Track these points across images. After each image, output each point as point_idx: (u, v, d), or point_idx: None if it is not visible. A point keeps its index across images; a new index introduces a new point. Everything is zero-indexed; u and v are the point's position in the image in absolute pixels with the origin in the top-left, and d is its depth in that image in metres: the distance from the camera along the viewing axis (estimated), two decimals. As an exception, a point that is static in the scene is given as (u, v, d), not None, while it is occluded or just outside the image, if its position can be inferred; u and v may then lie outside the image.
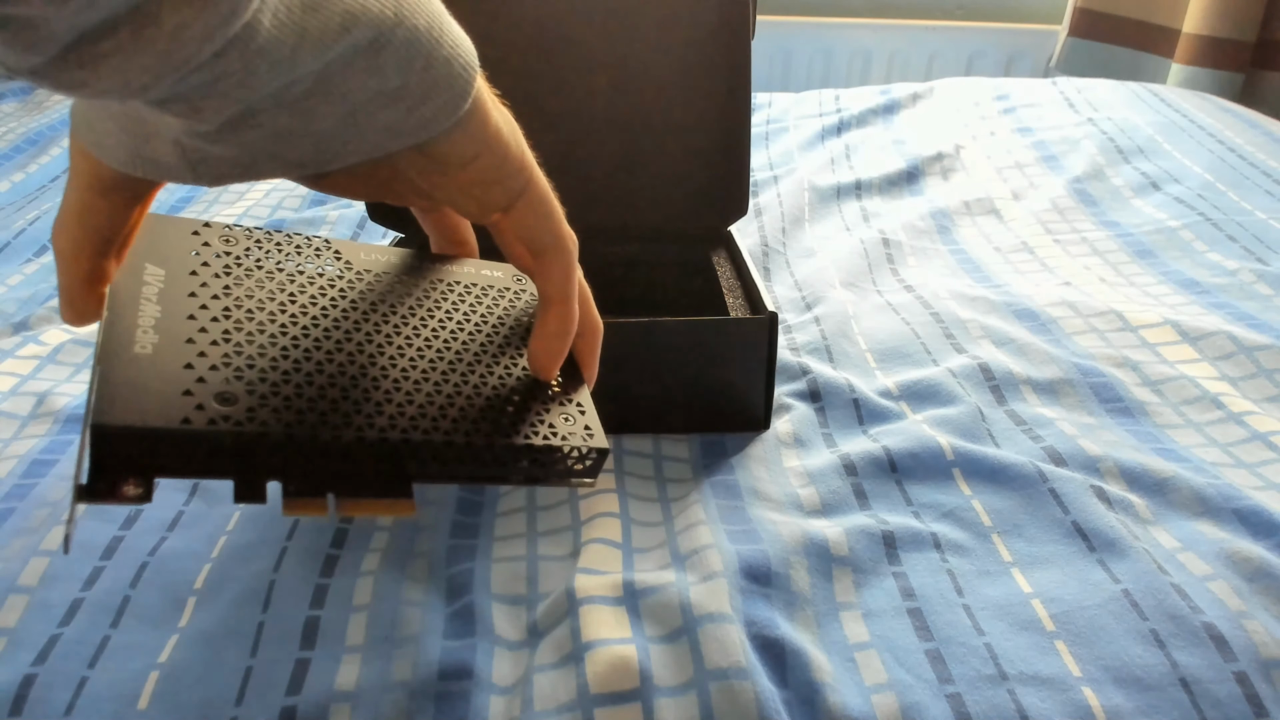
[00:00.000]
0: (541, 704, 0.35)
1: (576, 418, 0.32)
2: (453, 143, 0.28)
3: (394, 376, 0.30)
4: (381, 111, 0.26)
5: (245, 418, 0.26)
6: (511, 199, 0.30)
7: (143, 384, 0.25)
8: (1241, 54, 1.35)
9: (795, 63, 1.64)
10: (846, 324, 0.64)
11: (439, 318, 0.33)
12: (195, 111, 0.23)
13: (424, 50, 0.26)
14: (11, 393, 0.54)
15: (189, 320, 0.28)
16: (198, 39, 0.20)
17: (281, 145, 0.26)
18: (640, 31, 0.59)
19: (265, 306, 0.30)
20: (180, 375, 0.26)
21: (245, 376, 0.27)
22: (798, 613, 0.39)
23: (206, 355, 0.27)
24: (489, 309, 0.35)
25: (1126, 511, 0.45)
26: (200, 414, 0.25)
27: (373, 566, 0.41)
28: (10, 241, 0.77)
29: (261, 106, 0.24)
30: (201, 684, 0.36)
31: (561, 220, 0.32)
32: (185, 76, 0.21)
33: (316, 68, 0.24)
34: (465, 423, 0.30)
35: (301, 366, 0.28)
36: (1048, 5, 1.65)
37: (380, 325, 0.32)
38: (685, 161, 0.62)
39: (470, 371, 0.32)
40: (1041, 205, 0.85)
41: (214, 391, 0.26)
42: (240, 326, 0.29)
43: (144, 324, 0.27)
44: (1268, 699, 0.35)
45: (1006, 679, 0.36)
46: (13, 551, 0.42)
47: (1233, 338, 0.59)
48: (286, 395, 0.27)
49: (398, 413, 0.29)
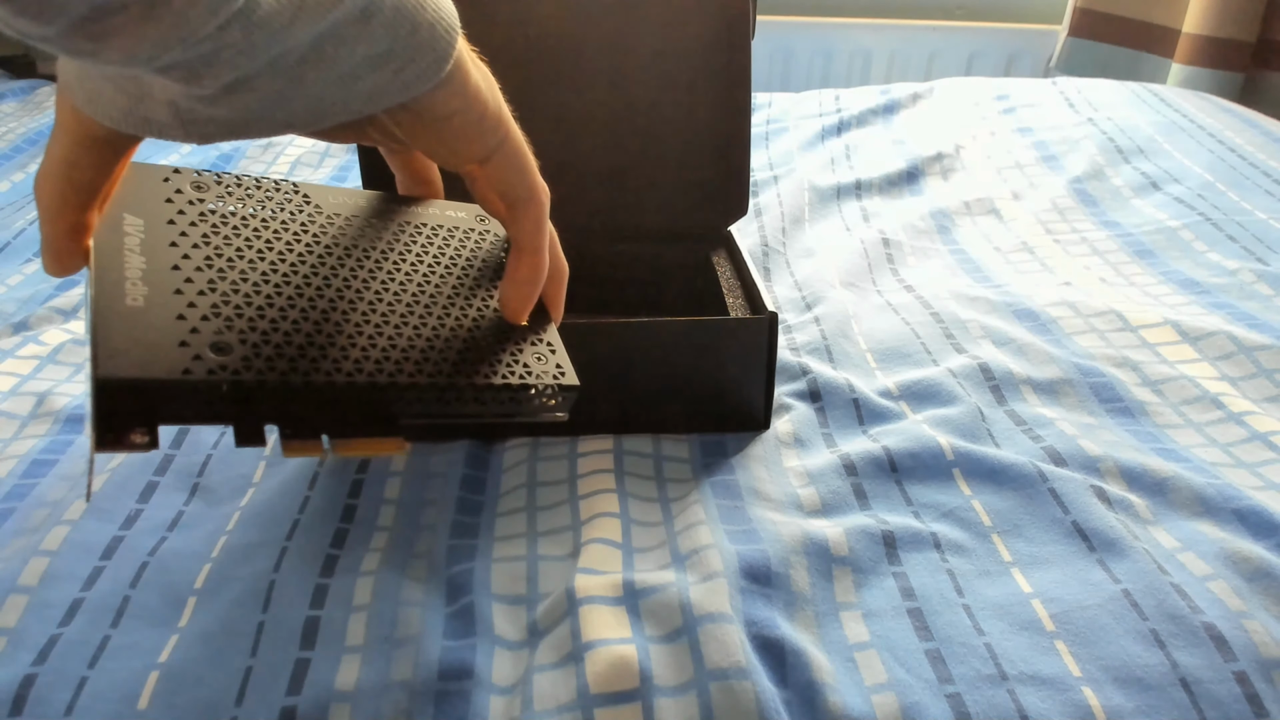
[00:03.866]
0: (541, 704, 0.35)
1: (548, 356, 0.35)
2: (435, 100, 0.30)
3: (374, 321, 0.32)
4: (369, 74, 0.27)
5: (241, 366, 0.27)
6: (489, 152, 0.32)
7: (140, 336, 0.26)
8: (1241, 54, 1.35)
9: (795, 63, 1.64)
10: (846, 324, 0.64)
11: (410, 260, 0.35)
12: (195, 79, 0.24)
13: (410, 16, 0.27)
14: (11, 393, 0.54)
15: (174, 271, 0.29)
16: (204, 13, 0.21)
17: (273, 107, 0.27)
18: (640, 31, 0.59)
19: (244, 254, 0.31)
20: (174, 326, 0.27)
21: (235, 325, 0.28)
22: (798, 613, 0.39)
23: (196, 306, 0.28)
24: (457, 250, 0.37)
25: (1126, 511, 0.45)
26: (199, 364, 0.27)
27: (373, 566, 0.41)
28: (10, 241, 0.77)
29: (257, 74, 0.25)
30: (201, 684, 0.36)
31: (535, 173, 0.33)
32: (190, 48, 0.22)
33: (311, 37, 0.25)
34: (445, 364, 0.32)
35: (287, 314, 0.30)
36: (1048, 5, 1.65)
37: (356, 269, 0.33)
38: (685, 161, 0.62)
39: (445, 314, 0.34)
40: (1041, 205, 0.85)
41: (209, 342, 0.27)
42: (224, 275, 0.30)
43: (131, 276, 0.28)
44: (1268, 699, 0.35)
45: (1006, 679, 0.36)
46: (13, 551, 0.42)
47: (1233, 338, 0.59)
48: (277, 343, 0.29)
49: (382, 357, 0.30)
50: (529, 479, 0.48)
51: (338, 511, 0.45)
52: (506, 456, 0.49)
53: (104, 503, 0.45)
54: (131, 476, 0.47)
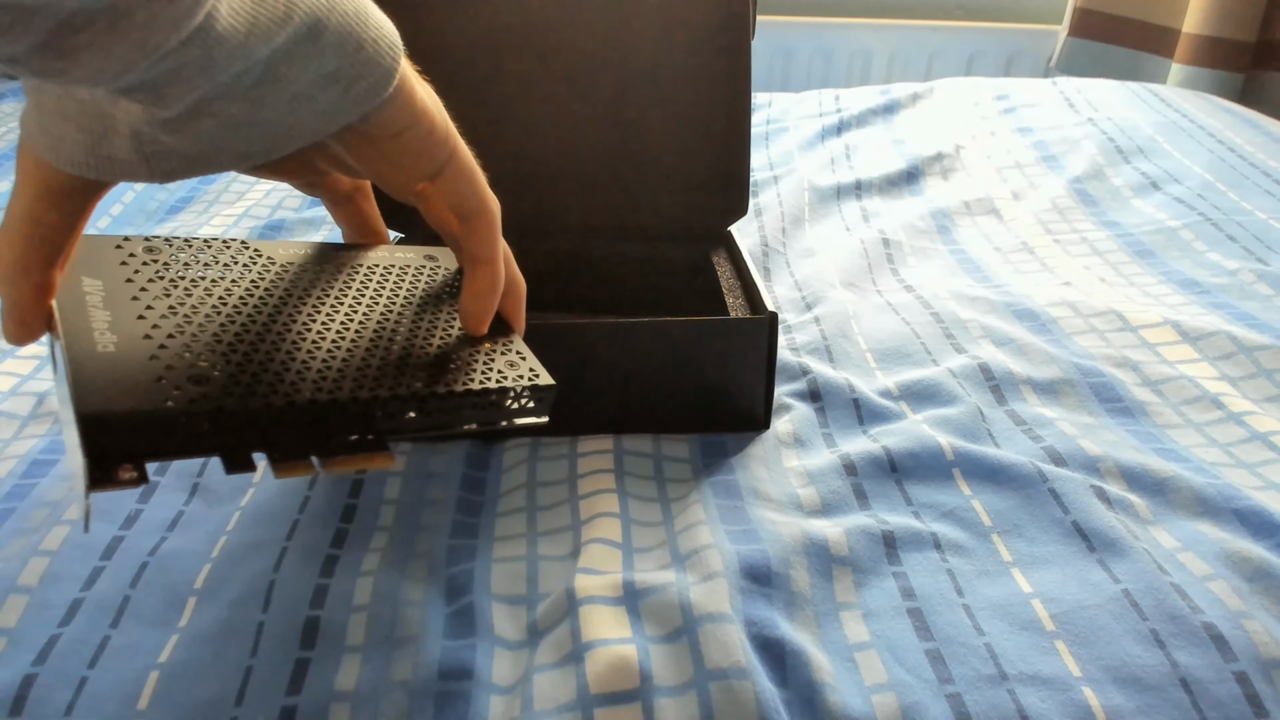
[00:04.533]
0: (541, 704, 0.35)
1: (520, 363, 0.35)
2: (384, 118, 0.30)
3: (345, 346, 0.32)
4: (321, 94, 0.28)
5: (222, 394, 0.28)
6: (439, 167, 0.33)
7: (116, 375, 0.27)
8: (1241, 54, 1.35)
9: (795, 63, 1.64)
10: (846, 324, 0.64)
11: (369, 295, 0.36)
12: (160, 99, 0.25)
13: (354, 34, 0.28)
14: (11, 393, 0.54)
15: (139, 320, 0.30)
16: (166, 28, 0.22)
17: (232, 136, 0.28)
18: (640, 31, 0.59)
19: (206, 301, 0.32)
20: (149, 365, 0.28)
21: (209, 360, 0.29)
22: (798, 613, 0.39)
23: (167, 347, 0.29)
24: (411, 285, 0.38)
25: (1126, 511, 0.45)
26: (179, 394, 0.27)
27: (373, 566, 0.41)
28: (10, 241, 0.76)
29: (217, 95, 0.26)
30: (201, 684, 0.36)
31: (485, 186, 0.34)
32: (153, 65, 0.23)
33: (265, 55, 0.25)
34: (421, 377, 0.32)
35: (258, 348, 0.30)
36: (1048, 5, 1.65)
37: (318, 306, 0.34)
38: (685, 161, 0.62)
39: (412, 334, 0.34)
40: (1041, 205, 0.85)
41: (185, 375, 0.28)
42: (190, 320, 0.30)
43: (98, 327, 0.29)
44: (1268, 699, 0.35)
45: (1006, 679, 0.36)
46: (13, 551, 0.42)
47: (1233, 338, 0.59)
48: (253, 372, 0.29)
49: (358, 375, 0.31)
50: (529, 479, 0.48)
51: (338, 511, 0.45)
52: (506, 456, 0.49)
53: (104, 503, 0.45)
54: (131, 476, 0.47)
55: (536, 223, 0.63)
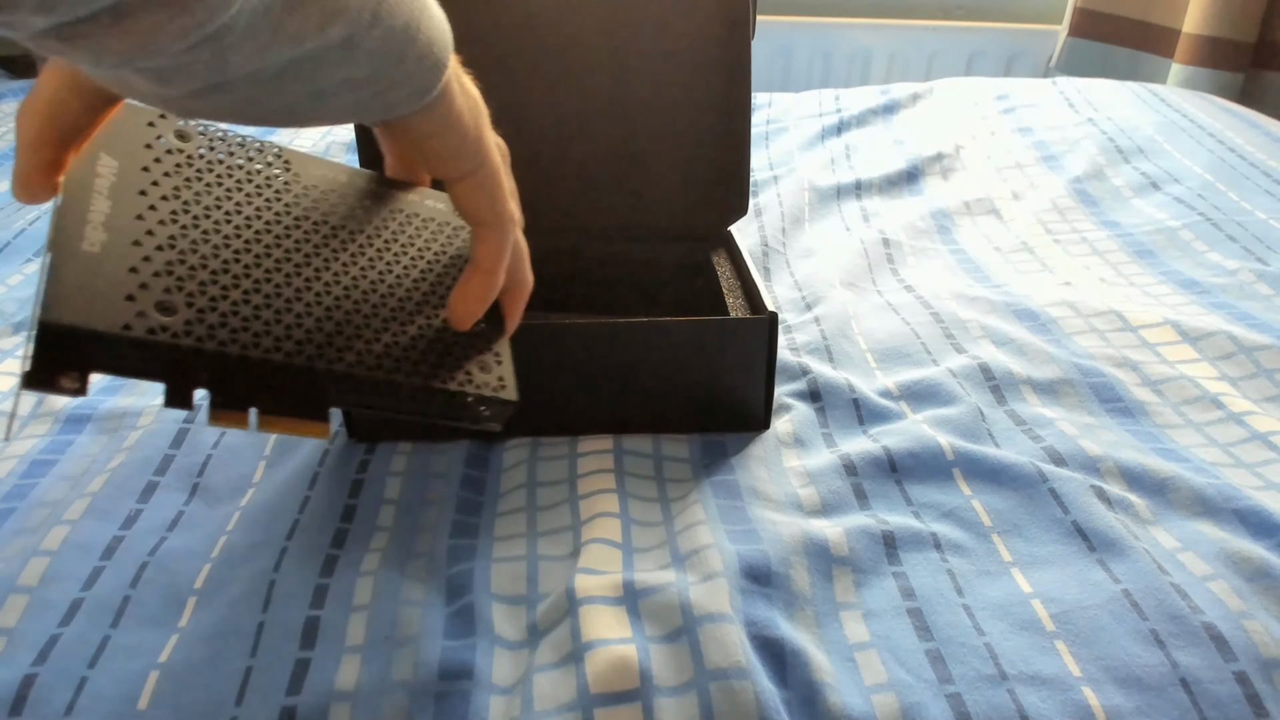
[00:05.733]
0: (541, 704, 0.35)
1: (493, 367, 0.34)
2: (413, 122, 0.30)
3: (326, 304, 0.32)
4: (349, 94, 0.28)
5: (183, 330, 0.27)
6: (463, 175, 0.33)
7: (89, 285, 0.26)
8: (1241, 54, 1.35)
9: (795, 63, 1.64)
10: (846, 324, 0.64)
11: (378, 245, 0.35)
12: (164, 83, 0.24)
13: (397, 48, 0.27)
14: (11, 393, 0.54)
15: (137, 220, 0.29)
16: (173, 35, 0.21)
17: (249, 108, 0.27)
18: (640, 31, 0.59)
19: (211, 214, 0.31)
20: (125, 279, 0.27)
21: (186, 286, 0.28)
22: (798, 613, 0.39)
23: (151, 260, 0.28)
24: (427, 242, 0.37)
25: (1126, 511, 0.45)
26: (141, 320, 0.27)
27: (373, 566, 0.41)
28: (10, 241, 0.77)
29: (229, 84, 0.25)
30: (201, 684, 0.36)
31: (506, 200, 0.34)
32: (158, 61, 0.22)
33: (289, 57, 0.25)
34: (388, 359, 0.32)
35: (240, 281, 0.30)
36: (1048, 5, 1.65)
37: (321, 246, 0.33)
38: (685, 161, 0.62)
39: (400, 308, 0.34)
40: (1041, 205, 0.85)
41: (155, 300, 0.27)
42: (186, 232, 0.30)
43: (94, 219, 0.28)
44: (1268, 699, 0.35)
45: (1006, 679, 0.36)
46: (13, 551, 0.42)
47: (1233, 338, 0.59)
48: (223, 311, 0.29)
49: (325, 341, 0.30)
50: (529, 479, 0.48)
51: (338, 511, 0.45)
52: (506, 456, 0.49)
53: (104, 503, 0.45)
54: (131, 476, 0.47)
55: (536, 222, 0.62)
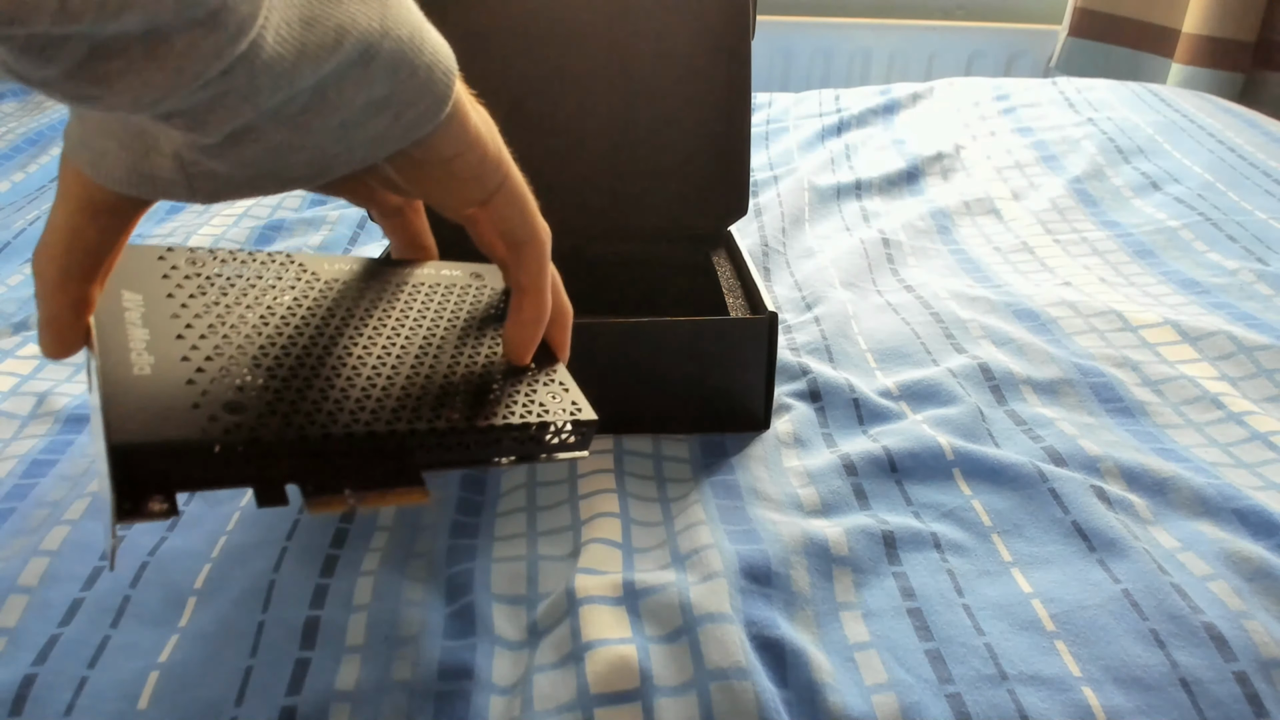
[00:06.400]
0: (541, 704, 0.35)
1: (561, 395, 0.34)
2: (435, 144, 0.30)
3: (385, 374, 0.31)
4: (371, 121, 0.27)
5: (257, 424, 0.26)
6: (489, 193, 0.32)
7: (150, 402, 0.26)
8: (1241, 54, 1.35)
9: (795, 63, 1.64)
10: (846, 324, 0.64)
11: (413, 316, 0.35)
12: (200, 125, 0.23)
13: (408, 60, 0.27)
14: (11, 393, 0.54)
15: (178, 340, 0.29)
16: (207, 57, 0.21)
17: (278, 160, 0.27)
18: (640, 32, 0.59)
19: (247, 319, 0.31)
20: (185, 391, 0.27)
21: (246, 387, 0.28)
22: (798, 613, 0.39)
23: (204, 370, 0.28)
24: (456, 305, 0.37)
25: (1126, 511, 0.45)
26: (214, 424, 0.26)
27: (373, 566, 0.41)
28: (10, 241, 0.77)
29: (261, 122, 0.25)
30: (201, 684, 0.36)
31: (536, 213, 0.33)
32: (194, 92, 0.22)
33: (313, 81, 0.24)
34: (461, 409, 0.31)
35: (297, 373, 0.29)
36: (1048, 5, 1.65)
37: (360, 328, 0.33)
38: (685, 161, 0.62)
39: (455, 361, 0.33)
40: (1041, 205, 0.85)
41: (221, 402, 0.27)
42: (229, 340, 0.30)
43: (135, 347, 0.28)
44: (1268, 699, 0.35)
45: (1006, 679, 0.36)
46: (13, 551, 0.42)
47: (1233, 338, 0.59)
48: (290, 400, 0.28)
49: (398, 405, 0.30)
50: (529, 479, 0.48)
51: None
52: (506, 456, 0.49)
53: (104, 503, 0.45)
54: (131, 476, 0.47)
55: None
